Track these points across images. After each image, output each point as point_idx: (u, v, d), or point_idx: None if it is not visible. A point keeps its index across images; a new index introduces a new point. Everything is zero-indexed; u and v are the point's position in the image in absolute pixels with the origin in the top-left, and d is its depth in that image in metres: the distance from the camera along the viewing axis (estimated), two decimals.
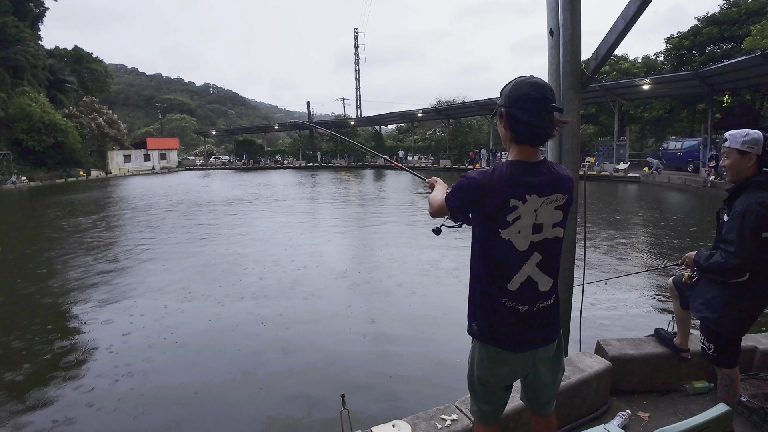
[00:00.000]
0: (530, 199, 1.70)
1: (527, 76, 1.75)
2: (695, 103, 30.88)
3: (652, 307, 6.47)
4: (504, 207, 1.69)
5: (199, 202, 21.18)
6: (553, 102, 1.69)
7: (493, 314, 1.80)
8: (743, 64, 18.82)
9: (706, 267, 2.51)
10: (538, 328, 1.83)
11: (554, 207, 1.75)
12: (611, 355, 3.24)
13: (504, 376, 1.92)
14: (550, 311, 1.85)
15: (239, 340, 5.57)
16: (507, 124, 1.74)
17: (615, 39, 2.95)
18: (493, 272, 1.78)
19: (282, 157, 58.26)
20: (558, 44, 3.23)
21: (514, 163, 1.73)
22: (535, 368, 1.90)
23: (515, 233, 1.72)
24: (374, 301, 6.88)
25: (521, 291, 1.76)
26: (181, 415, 4.09)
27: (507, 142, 1.80)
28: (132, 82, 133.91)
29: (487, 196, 1.69)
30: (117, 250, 10.88)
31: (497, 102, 1.81)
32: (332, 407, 3.55)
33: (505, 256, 1.74)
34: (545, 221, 1.75)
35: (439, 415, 2.46)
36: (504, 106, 1.74)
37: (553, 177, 1.75)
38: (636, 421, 3.00)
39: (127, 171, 51.64)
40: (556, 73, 3.27)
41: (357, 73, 66.24)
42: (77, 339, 5.83)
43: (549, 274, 1.80)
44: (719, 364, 2.64)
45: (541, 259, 1.77)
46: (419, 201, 18.77)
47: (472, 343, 1.95)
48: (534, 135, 1.72)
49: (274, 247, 10.63)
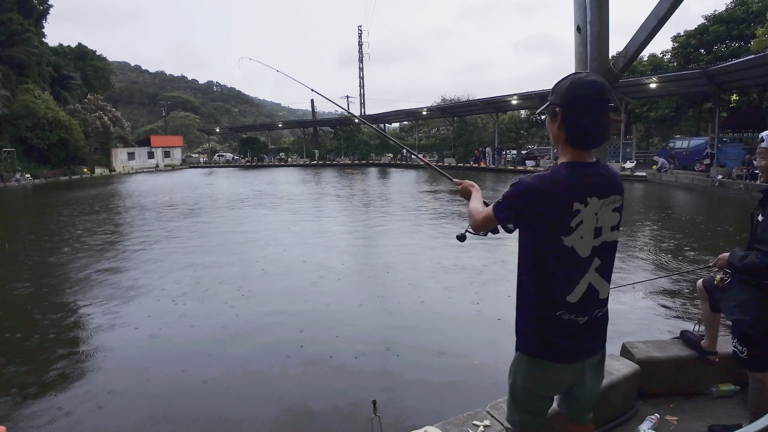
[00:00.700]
0: (591, 202, 1.63)
1: (583, 74, 1.68)
2: (702, 102, 30.74)
3: (663, 309, 6.39)
4: (567, 212, 1.60)
5: (207, 199, 21.18)
6: (611, 102, 1.61)
7: (548, 331, 1.72)
8: (752, 62, 18.74)
9: (740, 267, 2.46)
10: (593, 337, 1.78)
11: (612, 209, 1.69)
12: (638, 358, 3.19)
13: (553, 387, 1.86)
14: (605, 319, 1.80)
15: (258, 339, 5.55)
16: (562, 125, 1.66)
17: (646, 37, 2.89)
18: (550, 285, 1.68)
19: (286, 155, 58.29)
20: (585, 41, 3.17)
21: (572, 164, 1.65)
22: (583, 375, 1.85)
23: (578, 239, 1.64)
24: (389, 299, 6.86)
25: (582, 301, 1.69)
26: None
27: (559, 142, 1.71)
28: (136, 80, 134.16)
29: (548, 201, 1.60)
30: (127, 248, 10.87)
31: (548, 98, 1.71)
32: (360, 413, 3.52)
33: (567, 265, 1.66)
34: (604, 224, 1.68)
35: (470, 420, 2.41)
36: (559, 105, 1.65)
37: (610, 178, 1.69)
38: (664, 425, 2.95)
39: (131, 168, 51.71)
40: (582, 70, 3.20)
41: (361, 71, 66.09)
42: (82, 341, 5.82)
43: (607, 279, 1.74)
44: (751, 367, 2.59)
45: (600, 264, 1.70)
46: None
47: (517, 354, 1.87)
48: (592, 139, 1.64)
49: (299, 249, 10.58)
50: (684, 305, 6.47)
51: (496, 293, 7.00)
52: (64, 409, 4.13)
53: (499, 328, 5.49)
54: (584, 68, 3.21)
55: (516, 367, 1.88)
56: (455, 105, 45.79)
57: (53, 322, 6.32)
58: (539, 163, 35.69)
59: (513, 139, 46.69)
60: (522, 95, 34.02)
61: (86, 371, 4.90)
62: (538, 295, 1.71)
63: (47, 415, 4.04)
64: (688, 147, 25.77)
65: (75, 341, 5.72)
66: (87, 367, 5.00)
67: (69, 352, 5.39)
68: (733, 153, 21.84)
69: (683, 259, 8.83)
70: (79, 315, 6.57)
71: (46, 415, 4.05)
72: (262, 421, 3.91)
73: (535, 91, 32.36)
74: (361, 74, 66.20)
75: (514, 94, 34.60)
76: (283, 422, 3.88)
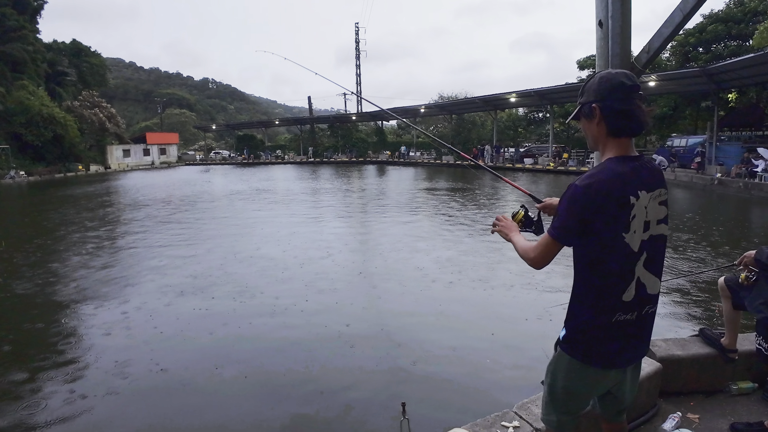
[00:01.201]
0: (642, 195, 1.62)
1: (608, 70, 1.70)
2: (700, 100, 30.82)
3: (675, 308, 6.40)
4: (625, 207, 1.59)
5: (205, 197, 21.08)
6: (641, 90, 1.64)
7: (602, 338, 1.69)
8: (751, 61, 18.79)
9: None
10: (643, 338, 1.75)
11: (658, 202, 1.68)
12: (659, 356, 3.16)
13: (596, 389, 1.84)
14: (653, 318, 1.77)
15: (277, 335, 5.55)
16: (603, 118, 1.65)
17: (671, 32, 2.86)
18: (609, 285, 1.66)
19: (283, 152, 58.07)
20: (607, 36, 3.13)
21: (620, 159, 1.64)
22: (624, 376, 1.82)
23: (632, 234, 1.63)
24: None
25: (636, 298, 1.67)
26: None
27: (601, 139, 1.70)
28: (130, 77, 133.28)
29: (606, 197, 1.58)
30: (128, 246, 10.79)
31: (580, 101, 1.73)
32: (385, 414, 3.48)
33: (622, 262, 1.64)
34: (652, 218, 1.66)
35: (499, 422, 2.38)
36: (595, 101, 1.65)
37: (655, 171, 1.69)
38: (686, 423, 2.93)
39: (126, 166, 51.38)
40: (605, 66, 3.17)
41: (358, 68, 65.98)
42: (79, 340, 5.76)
43: (655, 273, 1.71)
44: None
45: (646, 258, 1.67)
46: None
47: (558, 353, 1.84)
48: (635, 124, 1.64)
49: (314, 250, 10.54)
50: (695, 304, 6.48)
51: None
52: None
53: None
54: (606, 63, 3.17)
55: (556, 367, 1.85)
56: (454, 102, 45.72)
57: (37, 320, 6.25)
58: (537, 161, 35.73)
59: (511, 137, 46.71)
60: (521, 93, 34.01)
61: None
62: (597, 299, 1.68)
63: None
64: (686, 145, 25.85)
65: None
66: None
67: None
68: (731, 151, 21.92)
69: (688, 259, 8.84)
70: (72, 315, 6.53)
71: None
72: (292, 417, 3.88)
73: (534, 89, 32.36)
74: (358, 71, 66.16)
75: (512, 91, 34.57)
76: (304, 423, 3.86)
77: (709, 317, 5.89)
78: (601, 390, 1.86)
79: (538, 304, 6.41)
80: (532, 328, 5.69)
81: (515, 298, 6.80)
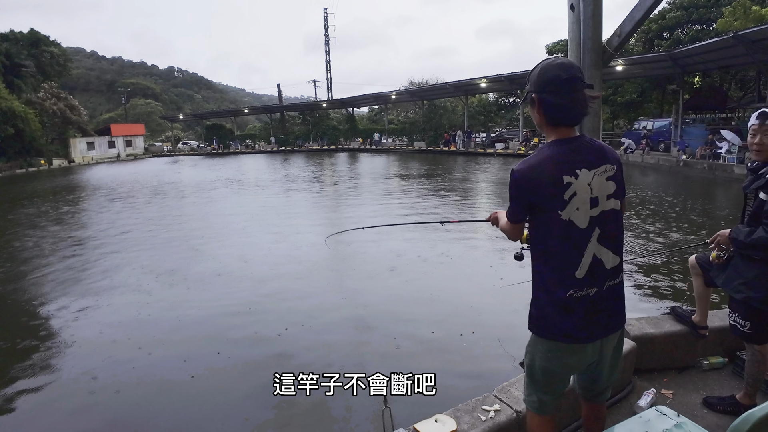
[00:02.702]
0: (582, 174, 1.68)
1: (552, 58, 1.76)
2: (666, 84, 31.53)
3: (641, 287, 6.56)
4: (558, 186, 1.66)
5: (175, 189, 20.63)
6: (583, 80, 1.70)
7: (561, 311, 1.74)
8: (715, 45, 19.27)
9: (748, 243, 2.46)
10: (609, 312, 1.78)
11: (605, 178, 1.73)
12: (633, 335, 3.24)
13: (573, 367, 1.86)
14: (618, 291, 1.81)
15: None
16: (540, 109, 1.73)
17: (642, 15, 2.88)
18: (558, 263, 1.73)
19: (253, 142, 57.22)
20: (579, 20, 3.13)
21: (555, 142, 1.73)
22: (601, 354, 1.85)
23: (574, 211, 1.68)
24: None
25: (589, 273, 1.71)
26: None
27: (542, 126, 1.78)
28: (92, 66, 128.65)
29: (539, 179, 1.67)
30: (93, 242, 10.50)
31: (526, 89, 1.80)
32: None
33: (569, 240, 1.70)
34: (600, 194, 1.71)
35: (480, 406, 2.39)
36: (535, 92, 1.73)
37: (596, 148, 1.75)
38: (661, 399, 3.01)
39: (91, 159, 49.81)
40: (577, 50, 3.18)
41: (327, 54, 65.23)
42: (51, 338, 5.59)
43: (612, 249, 1.76)
44: (752, 340, 2.64)
45: (600, 233, 1.72)
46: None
47: (534, 335, 1.88)
48: (569, 115, 1.71)
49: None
50: (666, 282, 6.65)
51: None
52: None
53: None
54: (578, 47, 3.18)
55: (533, 348, 1.88)
56: (425, 88, 45.65)
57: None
58: (508, 146, 36.10)
59: (482, 122, 46.99)
60: (491, 78, 34.17)
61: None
62: (548, 277, 1.76)
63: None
64: (653, 128, 26.45)
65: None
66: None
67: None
68: (696, 133, 22.53)
69: (650, 237, 9.07)
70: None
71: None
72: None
73: (503, 74, 32.57)
74: (328, 57, 65.49)
75: (483, 77, 34.71)
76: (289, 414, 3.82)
77: (680, 295, 6.06)
78: (577, 368, 1.89)
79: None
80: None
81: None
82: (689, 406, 2.92)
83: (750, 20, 22.45)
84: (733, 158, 18.06)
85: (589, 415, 2.11)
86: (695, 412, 2.84)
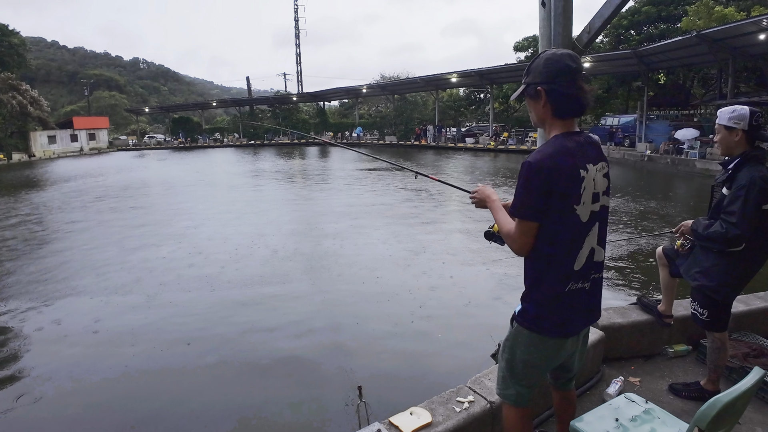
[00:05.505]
0: (590, 168, 1.67)
1: (553, 50, 1.72)
2: (631, 81, 32.29)
3: (613, 279, 6.73)
4: (576, 180, 1.63)
5: (142, 186, 20.10)
6: (584, 71, 1.70)
7: (559, 308, 1.73)
8: (679, 44, 19.80)
9: (705, 236, 2.57)
10: (592, 306, 1.81)
11: (602, 175, 1.74)
12: (601, 325, 3.31)
13: (553, 359, 1.87)
14: (601, 285, 1.83)
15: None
16: (549, 100, 1.68)
17: (611, 13, 2.94)
18: (561, 256, 1.69)
19: (222, 135, 56.17)
20: (550, 16, 3.18)
21: (565, 135, 1.69)
22: (577, 346, 1.89)
23: (582, 205, 1.67)
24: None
25: (585, 267, 1.72)
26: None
27: (546, 119, 1.73)
28: (53, 57, 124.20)
29: (559, 170, 1.61)
30: (55, 240, 10.16)
31: (525, 81, 1.75)
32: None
33: (573, 233, 1.68)
34: (600, 190, 1.73)
35: (454, 397, 2.41)
36: (541, 83, 1.68)
37: (595, 145, 1.75)
38: (629, 386, 3.10)
39: (52, 153, 48.00)
40: (548, 46, 3.23)
41: (298, 48, 64.68)
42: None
43: (602, 244, 1.78)
44: (711, 328, 2.74)
45: (599, 229, 1.74)
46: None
47: (516, 328, 1.86)
48: (579, 106, 1.68)
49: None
50: (634, 273, 6.82)
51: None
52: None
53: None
54: (548, 43, 3.23)
55: (514, 342, 1.87)
56: (396, 82, 45.69)
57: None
58: (478, 141, 36.44)
59: (453, 117, 47.29)
60: (461, 73, 34.41)
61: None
62: (552, 271, 1.70)
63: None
64: (618, 124, 27.09)
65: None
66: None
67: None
68: (659, 129, 23.18)
69: (624, 227, 9.31)
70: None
71: None
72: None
73: (474, 69, 32.82)
74: (298, 50, 64.92)
75: (453, 71, 34.93)
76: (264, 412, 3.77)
77: (645, 285, 6.24)
78: (558, 360, 1.89)
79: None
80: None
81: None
82: (656, 392, 3.01)
83: (713, 20, 23.10)
84: (695, 153, 18.67)
85: (561, 402, 2.14)
86: (662, 399, 2.93)
